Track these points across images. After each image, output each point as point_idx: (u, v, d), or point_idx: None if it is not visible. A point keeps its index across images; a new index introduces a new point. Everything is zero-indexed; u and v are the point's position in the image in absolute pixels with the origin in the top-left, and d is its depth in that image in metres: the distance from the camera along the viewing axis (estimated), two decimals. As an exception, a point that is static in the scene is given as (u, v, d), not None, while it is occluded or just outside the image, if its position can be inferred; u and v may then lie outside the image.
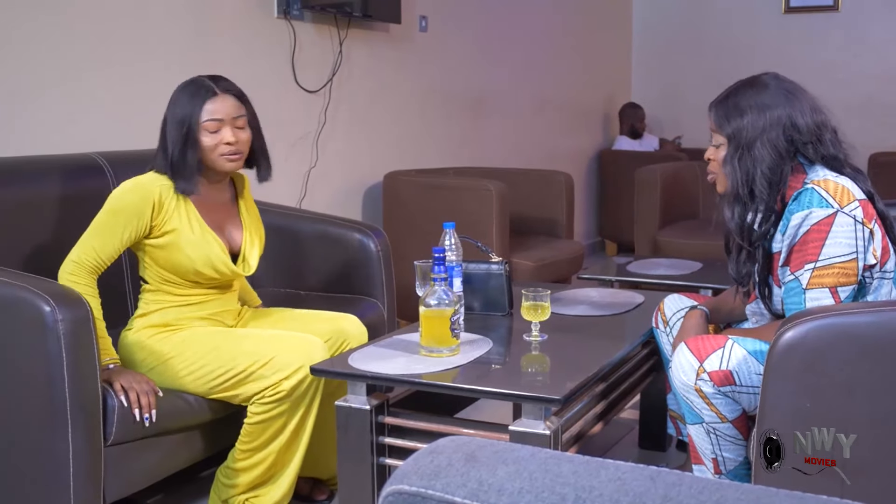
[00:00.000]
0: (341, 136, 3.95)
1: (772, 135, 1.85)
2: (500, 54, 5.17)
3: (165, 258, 2.12)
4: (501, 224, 3.65)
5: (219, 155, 2.13)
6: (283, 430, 2.08)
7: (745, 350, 1.82)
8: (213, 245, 2.14)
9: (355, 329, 2.32)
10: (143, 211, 2.07)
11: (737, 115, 1.88)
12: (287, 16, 3.56)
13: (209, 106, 2.11)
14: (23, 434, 1.89)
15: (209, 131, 2.11)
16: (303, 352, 2.07)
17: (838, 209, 1.77)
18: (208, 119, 2.11)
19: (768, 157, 1.85)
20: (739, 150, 1.87)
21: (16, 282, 1.88)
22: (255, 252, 2.27)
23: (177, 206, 2.11)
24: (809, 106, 1.88)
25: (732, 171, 1.89)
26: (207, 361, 2.07)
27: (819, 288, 1.77)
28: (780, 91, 1.88)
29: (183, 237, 2.10)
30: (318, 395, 2.11)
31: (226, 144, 2.13)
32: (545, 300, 2.13)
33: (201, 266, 2.12)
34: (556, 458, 0.69)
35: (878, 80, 6.17)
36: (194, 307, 2.19)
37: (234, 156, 2.15)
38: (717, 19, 6.62)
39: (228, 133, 2.13)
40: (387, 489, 0.68)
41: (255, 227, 2.32)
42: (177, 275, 2.14)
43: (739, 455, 1.89)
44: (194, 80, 2.17)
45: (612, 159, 6.19)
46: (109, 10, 2.87)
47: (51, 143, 2.67)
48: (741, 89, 1.92)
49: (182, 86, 2.16)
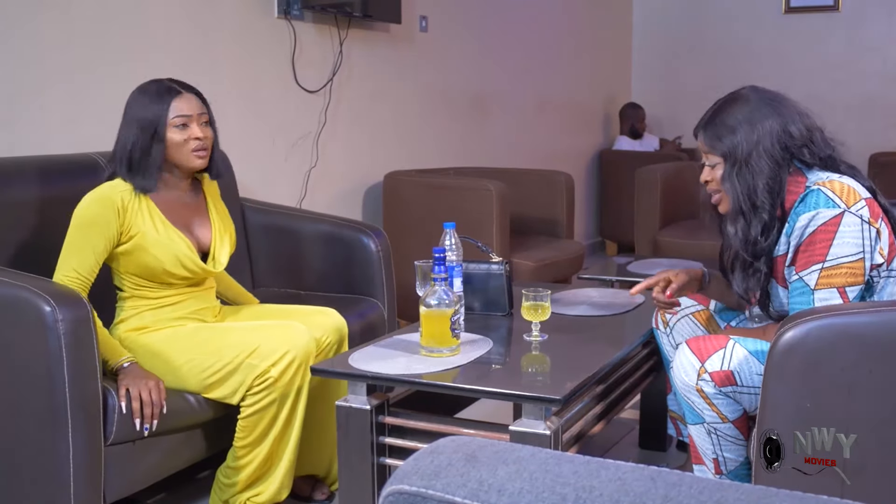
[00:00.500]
0: (342, 136, 3.95)
1: (766, 145, 1.85)
2: (500, 54, 5.17)
3: (134, 262, 2.13)
4: (502, 224, 3.65)
5: (189, 151, 2.16)
6: (275, 420, 2.10)
7: (746, 350, 1.82)
8: (178, 243, 2.15)
9: (333, 322, 2.33)
10: (109, 220, 2.08)
11: (728, 134, 1.89)
12: (287, 16, 3.56)
13: (176, 104, 2.15)
14: (23, 433, 1.89)
15: (177, 127, 2.15)
16: (287, 338, 2.08)
17: (845, 209, 1.77)
18: (176, 115, 2.14)
19: (766, 167, 1.85)
20: (737, 166, 1.88)
21: (16, 282, 1.88)
22: (224, 250, 2.29)
23: (139, 209, 2.12)
24: (795, 111, 1.90)
25: (732, 187, 1.89)
26: (195, 356, 2.09)
27: (827, 288, 1.77)
28: (763, 102, 1.89)
29: (148, 238, 2.11)
30: (306, 383, 2.12)
31: (195, 139, 2.16)
32: (545, 300, 2.13)
33: (170, 265, 2.13)
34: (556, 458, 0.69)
35: (878, 80, 6.17)
36: (170, 308, 2.20)
37: (202, 151, 2.19)
38: (718, 19, 6.62)
39: (196, 129, 2.17)
40: (387, 489, 0.68)
41: (225, 225, 2.33)
42: (148, 278, 2.15)
43: (740, 455, 1.89)
44: (154, 82, 2.20)
45: (613, 159, 6.19)
46: (110, 10, 2.88)
47: (51, 144, 2.67)
48: (725, 107, 1.92)
49: (141, 89, 2.18)
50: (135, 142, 2.12)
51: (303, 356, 2.09)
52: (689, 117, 6.74)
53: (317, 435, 2.27)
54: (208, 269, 2.22)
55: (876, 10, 6.19)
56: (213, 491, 2.20)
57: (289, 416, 2.12)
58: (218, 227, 2.30)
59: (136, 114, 2.14)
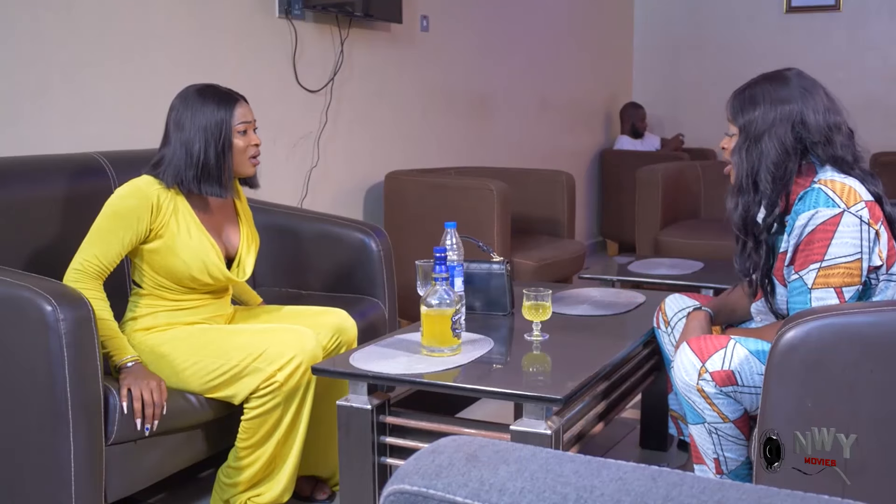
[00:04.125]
0: (343, 136, 3.95)
1: (780, 130, 1.85)
2: (501, 54, 5.17)
3: (161, 263, 2.12)
4: (503, 224, 3.65)
5: (248, 157, 2.21)
6: (279, 423, 2.10)
7: (747, 350, 1.82)
8: (209, 251, 2.15)
9: (344, 323, 2.33)
10: (141, 215, 2.08)
11: (750, 107, 1.89)
12: (288, 15, 3.56)
13: (239, 110, 2.17)
14: (24, 433, 1.89)
15: (241, 133, 2.17)
16: (294, 343, 2.08)
17: (845, 209, 1.76)
18: (241, 122, 2.17)
19: (773, 151, 1.85)
20: (748, 142, 1.88)
21: (17, 281, 1.88)
22: (251, 258, 2.29)
23: (174, 211, 2.12)
24: (824, 106, 1.88)
25: (739, 161, 1.90)
26: (201, 357, 2.09)
27: (824, 288, 1.77)
28: (798, 87, 1.88)
29: (179, 241, 2.11)
30: (311, 386, 2.12)
31: (254, 146, 2.21)
32: (546, 300, 2.13)
33: (197, 272, 2.13)
34: (557, 457, 0.69)
35: (879, 79, 6.16)
36: (186, 312, 2.19)
37: (257, 159, 2.24)
38: (719, 19, 6.62)
39: (255, 136, 2.22)
40: (388, 489, 0.68)
41: (252, 233, 2.34)
42: (172, 280, 2.15)
43: (741, 455, 1.89)
44: (210, 87, 2.19)
45: (614, 159, 6.19)
46: (111, 10, 2.88)
47: (52, 143, 2.67)
48: (761, 82, 1.92)
49: (198, 92, 2.16)
50: (204, 148, 2.12)
51: (309, 360, 2.08)
52: (690, 117, 6.77)
53: (322, 436, 2.27)
54: (232, 277, 2.22)
55: (877, 10, 6.18)
56: (215, 490, 2.20)
57: (293, 419, 2.11)
58: (246, 234, 2.30)
59: (200, 120, 2.13)
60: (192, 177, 2.12)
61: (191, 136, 2.12)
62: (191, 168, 2.12)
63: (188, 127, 2.13)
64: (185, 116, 2.14)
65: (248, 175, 2.25)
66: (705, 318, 2.11)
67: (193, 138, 2.12)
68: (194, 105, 2.14)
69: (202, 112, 2.13)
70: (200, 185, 2.13)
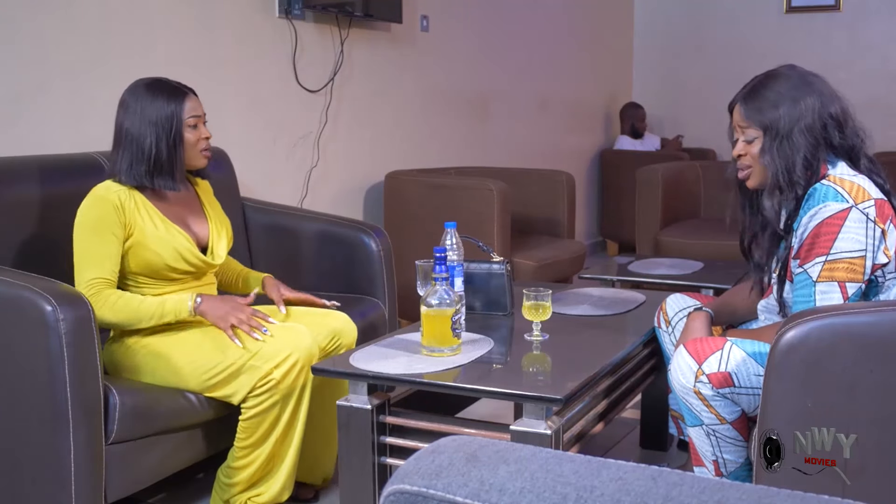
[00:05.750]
0: (343, 136, 3.95)
1: (808, 121, 1.86)
2: (501, 54, 5.17)
3: (135, 260, 2.13)
4: (503, 224, 3.65)
5: (199, 150, 2.22)
6: (277, 422, 2.10)
7: (744, 352, 1.82)
8: (178, 237, 2.16)
9: (344, 326, 2.33)
10: (113, 220, 2.09)
11: (771, 107, 1.88)
12: (288, 15, 3.56)
13: (189, 104, 2.18)
14: (24, 433, 1.89)
15: (191, 127, 2.18)
16: (290, 341, 2.09)
17: (853, 205, 1.78)
18: (191, 115, 2.18)
19: (805, 142, 1.86)
20: (778, 139, 1.88)
21: (17, 281, 1.88)
22: (222, 243, 2.31)
23: (136, 208, 2.13)
24: (832, 93, 1.91)
25: (772, 160, 1.89)
26: (198, 356, 2.09)
27: (829, 281, 1.78)
28: (803, 80, 1.90)
29: (147, 234, 2.13)
30: (308, 385, 2.12)
31: (205, 139, 2.22)
32: (546, 300, 2.13)
33: (171, 260, 2.14)
34: (557, 457, 0.69)
35: (880, 79, 6.16)
36: None
37: (208, 151, 2.25)
38: (719, 19, 6.62)
39: (205, 129, 2.23)
40: (388, 489, 0.68)
41: (220, 220, 2.35)
42: (149, 275, 2.16)
43: (740, 456, 1.89)
44: (160, 80, 2.20)
45: (614, 159, 6.19)
46: (111, 10, 2.88)
47: (52, 143, 2.68)
48: (765, 82, 1.92)
49: (147, 86, 2.17)
50: (155, 142, 2.13)
51: (305, 358, 2.09)
52: (689, 117, 6.76)
53: (313, 443, 2.26)
54: (209, 260, 2.24)
55: (877, 10, 6.18)
56: (214, 490, 2.20)
57: (291, 418, 2.12)
58: (214, 223, 2.32)
59: (151, 114, 2.13)
60: (145, 171, 2.13)
61: (142, 130, 2.13)
62: (143, 163, 2.13)
63: (139, 122, 2.14)
64: (131, 109, 2.15)
65: (199, 167, 2.27)
66: (706, 319, 2.11)
67: (145, 133, 2.13)
68: (144, 100, 2.15)
69: (152, 106, 2.14)
70: (153, 179, 2.14)
